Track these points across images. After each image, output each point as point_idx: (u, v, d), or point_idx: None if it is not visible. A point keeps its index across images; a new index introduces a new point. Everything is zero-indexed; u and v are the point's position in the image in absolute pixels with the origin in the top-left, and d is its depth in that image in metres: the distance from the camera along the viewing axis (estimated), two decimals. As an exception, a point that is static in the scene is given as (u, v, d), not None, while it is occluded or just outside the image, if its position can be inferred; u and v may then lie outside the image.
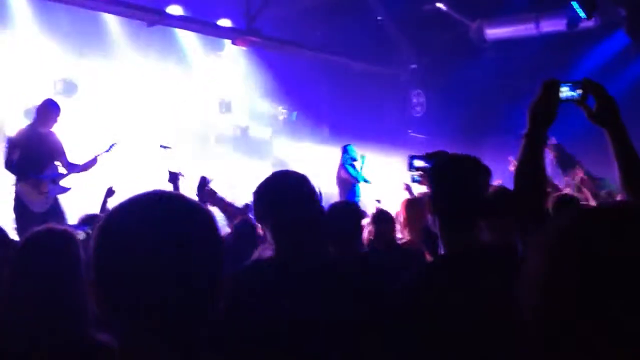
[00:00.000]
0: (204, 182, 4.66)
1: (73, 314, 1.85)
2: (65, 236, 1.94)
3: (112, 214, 1.22)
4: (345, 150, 10.62)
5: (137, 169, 11.56)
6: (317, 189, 5.09)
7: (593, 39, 13.47)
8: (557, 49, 13.28)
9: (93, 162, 7.20)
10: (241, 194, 10.63)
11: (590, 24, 11.85)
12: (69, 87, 10.82)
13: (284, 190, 2.33)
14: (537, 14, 13.04)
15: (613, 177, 2.14)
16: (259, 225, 2.87)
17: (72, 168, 7.03)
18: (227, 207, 4.65)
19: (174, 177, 5.36)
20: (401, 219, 4.71)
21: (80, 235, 3.37)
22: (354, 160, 10.50)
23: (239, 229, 4.17)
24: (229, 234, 4.16)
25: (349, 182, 10.33)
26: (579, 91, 2.08)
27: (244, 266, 2.36)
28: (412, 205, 4.63)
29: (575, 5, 10.73)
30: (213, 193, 4.68)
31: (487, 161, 2.71)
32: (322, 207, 2.51)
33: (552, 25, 13.02)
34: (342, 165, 10.51)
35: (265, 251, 2.42)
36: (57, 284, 1.86)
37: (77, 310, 1.86)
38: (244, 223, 4.22)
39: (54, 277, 1.87)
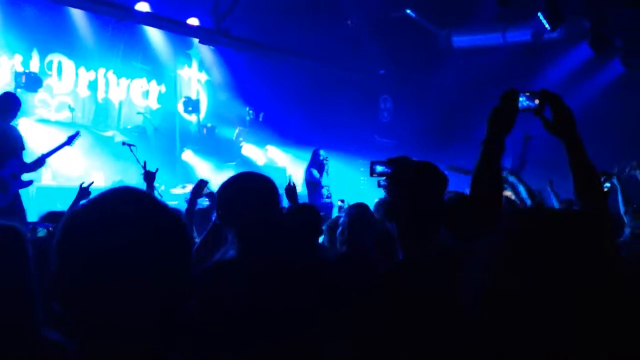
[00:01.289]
0: (201, 186, 4.60)
1: (20, 312, 1.81)
2: (11, 232, 1.90)
3: (75, 212, 1.19)
4: (315, 154, 10.71)
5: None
6: (291, 185, 5.07)
7: (557, 50, 13.73)
8: (522, 58, 13.52)
9: (40, 161, 7.07)
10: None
11: (555, 35, 12.08)
12: (34, 82, 10.63)
13: (248, 192, 2.33)
14: (503, 24, 13.26)
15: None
16: None
17: (23, 167, 6.91)
18: None
19: (149, 176, 5.30)
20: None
21: (41, 232, 3.31)
22: (321, 163, 10.59)
23: None
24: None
25: (315, 184, 10.45)
26: (537, 101, 2.11)
27: (206, 266, 2.34)
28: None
29: (540, 16, 10.92)
30: (212, 195, 4.66)
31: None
32: (282, 209, 2.51)
33: (518, 36, 13.25)
34: (308, 168, 10.63)
35: (228, 251, 2.40)
36: (3, 280, 1.82)
37: (24, 308, 1.82)
38: None
39: (1, 273, 1.83)
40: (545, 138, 2.25)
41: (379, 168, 3.77)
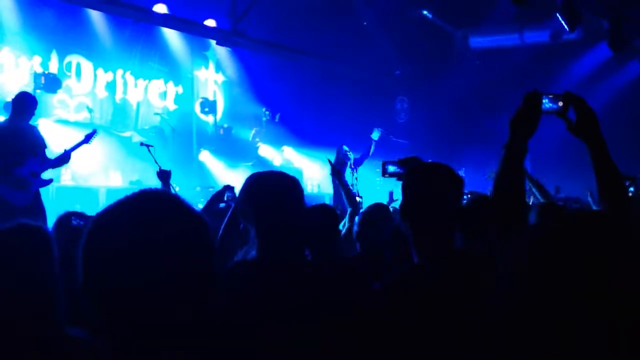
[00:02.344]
0: (223, 191, 4.55)
1: (43, 311, 1.84)
2: (38, 232, 1.93)
3: (102, 214, 1.22)
4: (341, 149, 10.70)
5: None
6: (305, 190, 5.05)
7: (576, 51, 13.61)
8: (540, 59, 13.41)
9: (65, 157, 7.13)
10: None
11: (573, 36, 11.99)
12: (53, 83, 10.73)
13: (271, 191, 2.30)
14: (521, 25, 13.18)
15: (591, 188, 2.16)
16: None
17: (47, 164, 6.97)
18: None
19: (164, 175, 5.31)
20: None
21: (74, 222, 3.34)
22: (348, 159, 10.61)
23: None
24: None
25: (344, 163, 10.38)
26: (560, 103, 2.09)
27: (229, 267, 2.33)
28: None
29: (559, 17, 10.84)
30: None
31: (467, 169, 2.75)
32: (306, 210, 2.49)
33: (536, 37, 13.17)
34: (337, 164, 10.56)
35: (251, 251, 2.39)
36: (25, 280, 1.85)
37: (47, 307, 1.85)
38: None
39: (23, 273, 1.85)
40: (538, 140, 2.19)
41: (391, 168, 3.75)
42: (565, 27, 10.98)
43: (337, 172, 5.36)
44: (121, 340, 1.18)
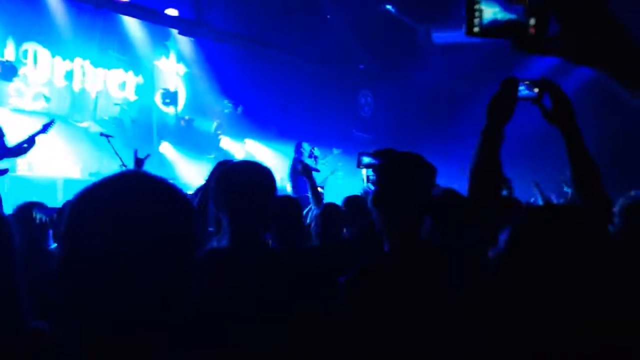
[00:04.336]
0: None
1: (6, 302, 1.78)
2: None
3: (84, 193, 1.18)
4: (299, 146, 10.73)
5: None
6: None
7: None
8: (502, 55, 13.57)
9: (21, 149, 6.97)
10: (183, 187, 10.54)
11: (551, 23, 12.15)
12: (9, 71, 10.46)
13: (245, 182, 2.31)
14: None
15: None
16: None
17: (5, 152, 6.79)
18: None
19: (138, 163, 5.26)
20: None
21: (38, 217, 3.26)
22: (311, 155, 10.65)
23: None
24: None
25: (300, 175, 10.40)
26: (536, 90, 2.10)
27: (201, 255, 2.31)
28: (352, 201, 4.69)
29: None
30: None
31: (431, 162, 2.75)
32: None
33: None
34: (298, 159, 10.58)
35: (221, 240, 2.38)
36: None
37: (11, 298, 1.79)
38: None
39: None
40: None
41: (366, 159, 3.79)
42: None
43: (308, 171, 5.41)
44: (94, 333, 1.13)
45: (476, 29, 1.14)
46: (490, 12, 1.12)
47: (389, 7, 14.48)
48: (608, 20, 1.03)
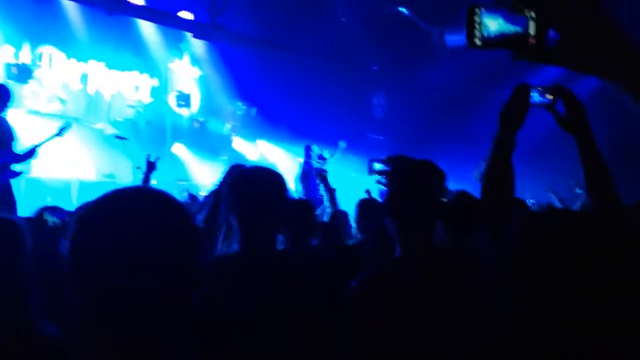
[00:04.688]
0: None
1: (17, 304, 1.80)
2: (8, 225, 1.88)
3: (90, 209, 1.21)
4: (308, 149, 10.79)
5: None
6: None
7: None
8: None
9: (31, 153, 7.02)
10: (198, 187, 10.59)
11: (552, 32, 12.08)
12: (24, 73, 10.56)
13: (257, 187, 2.32)
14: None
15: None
16: None
17: (13, 158, 6.85)
18: None
19: (150, 166, 5.28)
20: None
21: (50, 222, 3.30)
22: (320, 157, 10.69)
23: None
24: None
25: (311, 179, 10.47)
26: (549, 96, 2.09)
27: (211, 262, 2.33)
28: (365, 205, 4.69)
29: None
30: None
31: (443, 166, 2.76)
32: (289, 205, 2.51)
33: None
34: (307, 161, 10.65)
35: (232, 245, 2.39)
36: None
37: (21, 300, 1.81)
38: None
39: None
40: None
41: (378, 166, 3.81)
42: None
43: (323, 176, 5.46)
44: (102, 339, 1.15)
45: (477, 41, 1.15)
46: (494, 24, 1.13)
47: (402, 9, 14.46)
48: (608, 27, 1.03)
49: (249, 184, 2.33)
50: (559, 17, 1.05)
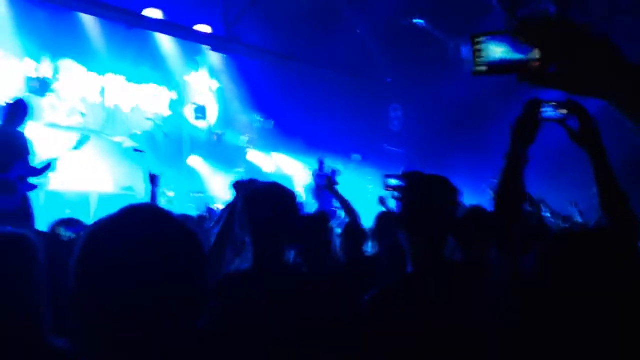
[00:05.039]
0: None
1: (27, 319, 1.80)
2: (23, 241, 1.89)
3: (94, 230, 1.21)
4: (322, 162, 10.84)
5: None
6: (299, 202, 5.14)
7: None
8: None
9: (49, 166, 7.07)
10: (212, 200, 10.62)
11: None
12: (43, 86, 10.68)
13: (270, 205, 2.35)
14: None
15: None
16: None
17: (31, 171, 6.91)
18: None
19: (153, 179, 5.30)
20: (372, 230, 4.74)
21: (64, 236, 3.31)
22: (332, 171, 10.72)
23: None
24: None
25: (324, 192, 10.51)
26: (562, 111, 2.08)
27: (222, 278, 2.34)
28: (384, 218, 4.66)
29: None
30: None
31: (460, 178, 2.75)
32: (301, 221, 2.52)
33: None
34: (321, 175, 10.69)
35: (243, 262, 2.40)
36: (10, 288, 1.81)
37: (32, 315, 1.81)
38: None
39: (7, 281, 1.82)
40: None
41: (392, 182, 3.81)
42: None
43: (331, 186, 5.47)
44: (105, 356, 1.15)
45: (482, 68, 1.18)
46: (497, 52, 1.15)
47: (418, 21, 14.47)
48: (605, 51, 1.05)
49: (262, 201, 2.36)
50: (559, 47, 1.06)
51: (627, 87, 1.04)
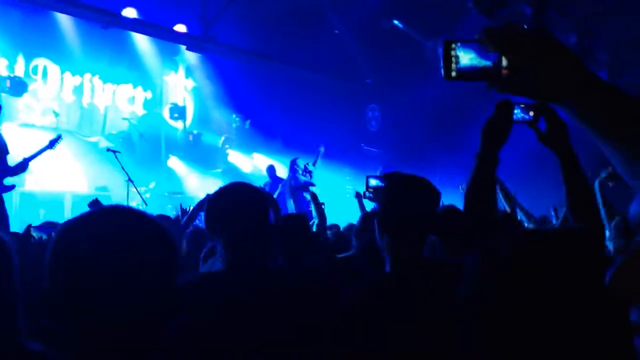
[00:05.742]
0: (204, 202, 4.56)
1: (2, 322, 1.78)
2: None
3: (65, 230, 1.21)
4: (294, 163, 10.90)
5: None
6: (270, 200, 5.13)
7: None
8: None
9: (23, 166, 6.98)
10: (191, 201, 10.57)
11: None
12: (18, 86, 10.55)
13: (237, 203, 2.30)
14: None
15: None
16: None
17: (7, 171, 6.82)
18: None
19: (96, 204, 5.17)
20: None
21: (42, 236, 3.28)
22: (305, 170, 10.80)
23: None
24: None
25: (300, 193, 10.57)
26: (532, 113, 2.09)
27: (194, 279, 2.30)
28: (369, 219, 4.67)
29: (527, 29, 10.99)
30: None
31: (438, 177, 2.76)
32: (272, 220, 2.49)
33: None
34: (294, 176, 10.74)
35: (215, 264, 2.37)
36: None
37: (7, 318, 1.79)
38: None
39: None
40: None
41: (374, 182, 3.83)
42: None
43: (312, 192, 5.54)
44: (79, 356, 1.14)
45: (453, 73, 1.21)
46: (466, 58, 1.19)
47: (396, 22, 14.53)
48: (566, 59, 1.10)
49: (226, 200, 2.32)
50: (522, 54, 1.11)
51: (587, 95, 1.09)
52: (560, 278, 1.24)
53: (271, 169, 11.59)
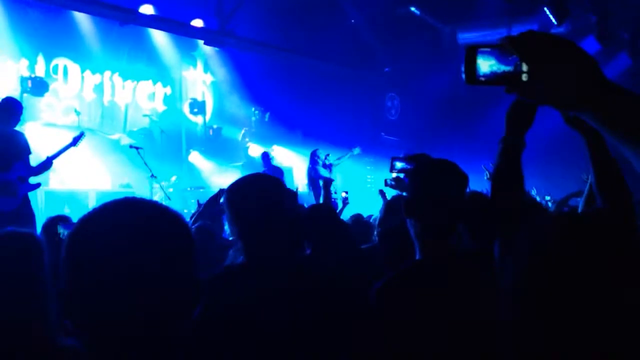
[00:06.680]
0: (219, 195, 4.53)
1: (35, 319, 1.80)
2: (27, 240, 1.89)
3: (82, 222, 1.19)
4: (314, 154, 10.88)
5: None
6: (294, 190, 5.10)
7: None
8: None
9: (47, 164, 7.05)
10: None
11: (560, 29, 12.01)
12: (40, 86, 10.65)
13: (255, 195, 2.28)
14: (509, 20, 13.19)
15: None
16: None
17: (30, 170, 6.89)
18: None
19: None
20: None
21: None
22: (324, 162, 10.82)
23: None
24: None
25: (318, 182, 10.60)
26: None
27: (216, 273, 2.29)
28: (393, 206, 4.63)
29: (547, 11, 10.86)
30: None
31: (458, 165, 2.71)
32: (294, 209, 2.46)
33: (524, 30, 13.19)
34: (313, 167, 10.76)
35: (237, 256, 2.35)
36: (17, 288, 1.81)
37: (40, 314, 1.81)
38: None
39: (14, 281, 1.81)
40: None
41: (399, 164, 3.76)
42: (553, 21, 11.01)
43: (327, 186, 5.50)
44: (103, 352, 1.14)
45: (475, 78, 1.25)
46: (486, 65, 1.22)
47: (413, 9, 14.43)
48: (586, 65, 1.12)
49: (242, 192, 2.29)
50: (542, 60, 1.12)
51: (608, 101, 1.10)
52: (610, 263, 1.22)
53: (265, 156, 11.49)
